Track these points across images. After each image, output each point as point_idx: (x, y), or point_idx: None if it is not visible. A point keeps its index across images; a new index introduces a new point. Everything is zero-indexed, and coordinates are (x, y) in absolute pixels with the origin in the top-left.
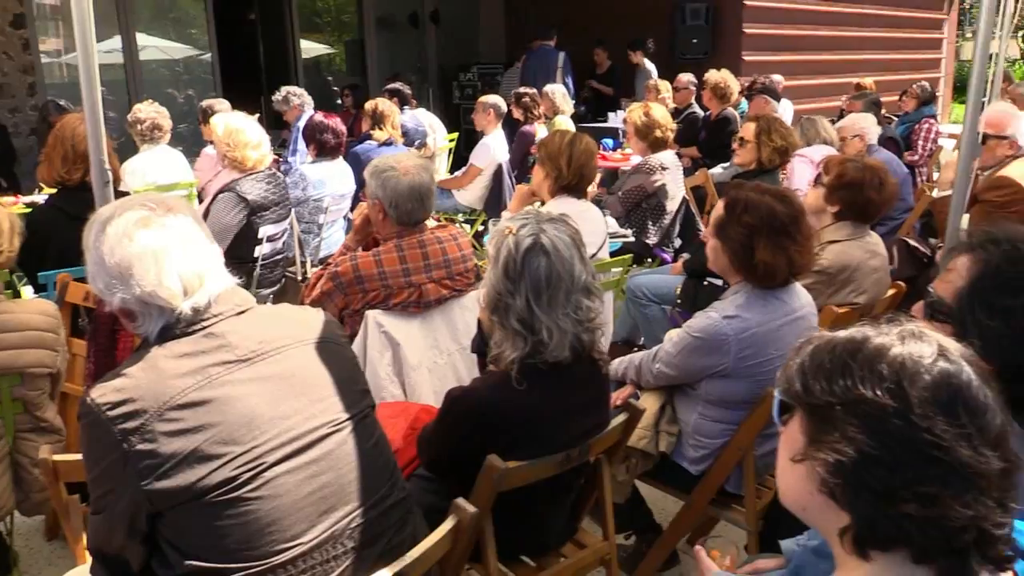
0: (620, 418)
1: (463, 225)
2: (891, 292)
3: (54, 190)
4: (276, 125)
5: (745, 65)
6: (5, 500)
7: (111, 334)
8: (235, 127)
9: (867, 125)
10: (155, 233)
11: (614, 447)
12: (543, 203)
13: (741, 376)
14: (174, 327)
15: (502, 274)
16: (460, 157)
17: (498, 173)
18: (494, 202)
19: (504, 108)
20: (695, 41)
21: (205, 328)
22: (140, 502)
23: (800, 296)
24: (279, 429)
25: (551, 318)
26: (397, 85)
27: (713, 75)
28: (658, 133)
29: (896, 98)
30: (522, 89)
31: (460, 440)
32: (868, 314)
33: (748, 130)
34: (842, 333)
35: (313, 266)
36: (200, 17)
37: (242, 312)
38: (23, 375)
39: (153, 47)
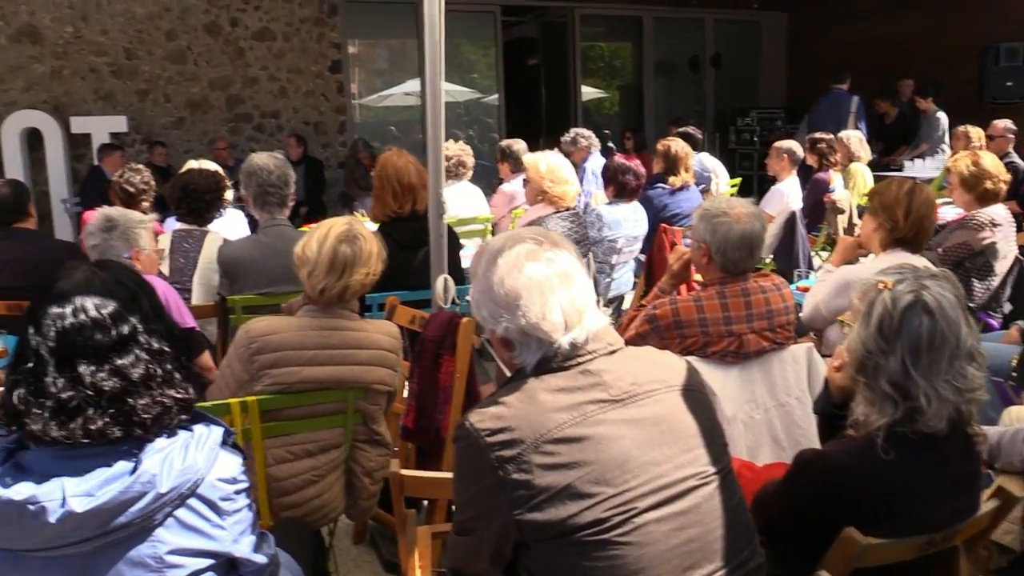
0: (990, 504)
1: None
2: None
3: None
4: None
5: None
6: (337, 504)
7: (435, 357)
8: (555, 165)
9: None
10: (542, 267)
11: (977, 536)
12: (868, 256)
13: None
14: (551, 360)
15: (875, 332)
16: None
17: (790, 221)
18: (785, 251)
19: (800, 154)
20: (1010, 84)
21: (580, 364)
22: (510, 530)
23: None
24: (650, 475)
25: (930, 384)
26: (689, 129)
27: None
28: (988, 185)
29: None
30: (818, 135)
31: (808, 506)
32: None
33: None
34: None
35: (604, 306)
36: (480, 62)
37: (613, 351)
38: (367, 390)
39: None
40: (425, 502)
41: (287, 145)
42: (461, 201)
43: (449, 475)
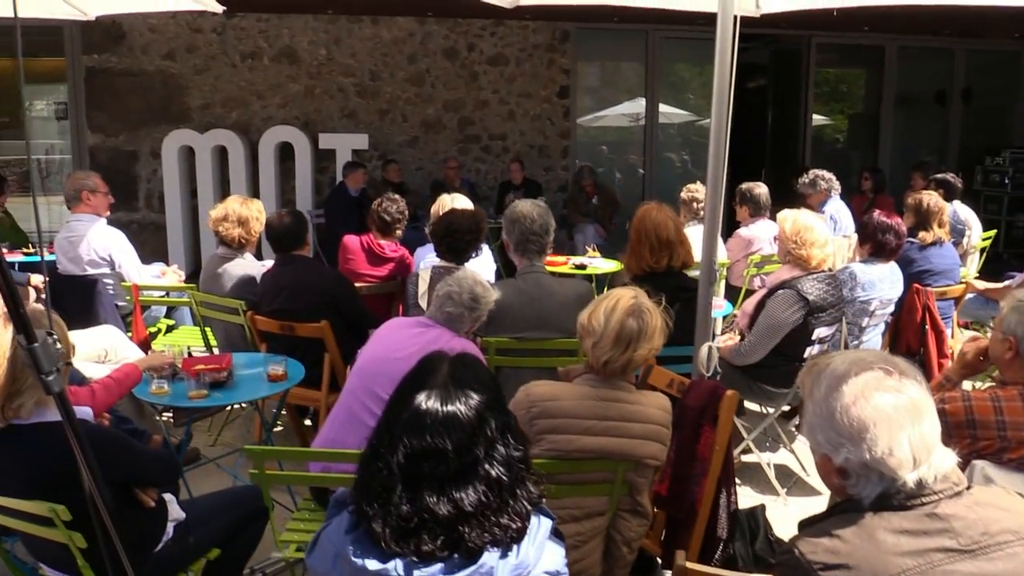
0: None
1: None
2: None
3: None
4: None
5: None
6: (594, 570)
7: (695, 427)
8: (804, 224)
9: None
10: (891, 397)
11: None
12: None
13: None
14: (892, 497)
15: None
16: (994, 256)
17: None
18: None
19: None
20: None
21: (926, 506)
22: None
23: None
24: None
25: None
26: (948, 177)
27: None
28: None
29: None
30: None
31: None
32: None
33: None
34: None
35: None
36: (694, 81)
37: (958, 493)
38: (637, 463)
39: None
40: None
41: (509, 170)
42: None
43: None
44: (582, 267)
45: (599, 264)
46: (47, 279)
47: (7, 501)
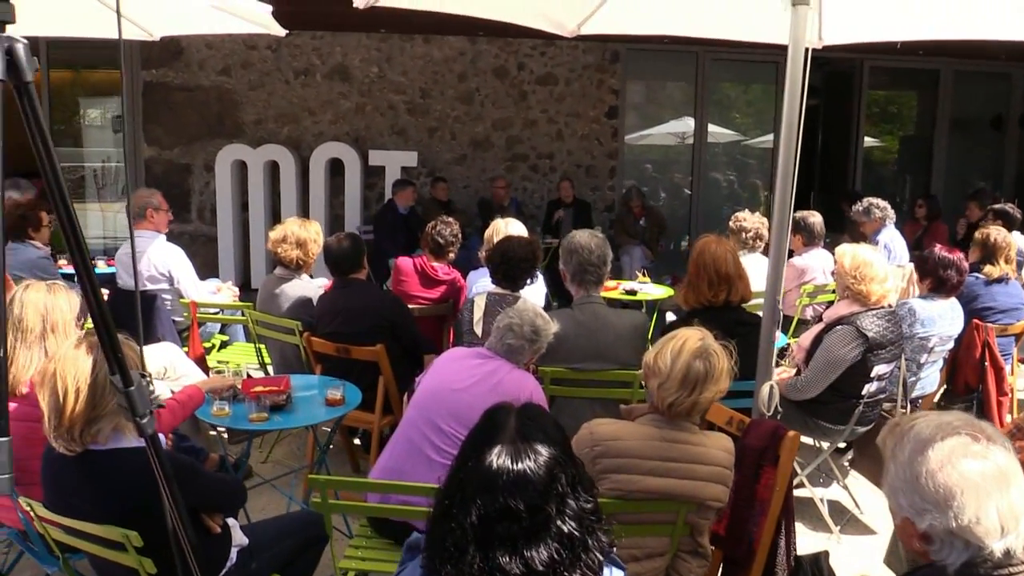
0: None
1: None
2: None
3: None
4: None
5: None
6: None
7: (755, 467)
8: (864, 259)
9: None
10: (979, 464)
11: None
12: None
13: None
14: (978, 565)
15: None
16: None
17: None
18: None
19: None
20: None
21: (1013, 575)
22: None
23: None
24: None
25: None
26: (1007, 207)
27: None
28: None
29: None
30: None
31: None
32: None
33: None
34: None
35: (901, 407)
36: (739, 100)
37: None
38: (700, 505)
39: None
40: None
41: (559, 188)
42: (755, 275)
43: None
44: (632, 292)
45: (649, 290)
46: (113, 292)
47: (79, 523)
